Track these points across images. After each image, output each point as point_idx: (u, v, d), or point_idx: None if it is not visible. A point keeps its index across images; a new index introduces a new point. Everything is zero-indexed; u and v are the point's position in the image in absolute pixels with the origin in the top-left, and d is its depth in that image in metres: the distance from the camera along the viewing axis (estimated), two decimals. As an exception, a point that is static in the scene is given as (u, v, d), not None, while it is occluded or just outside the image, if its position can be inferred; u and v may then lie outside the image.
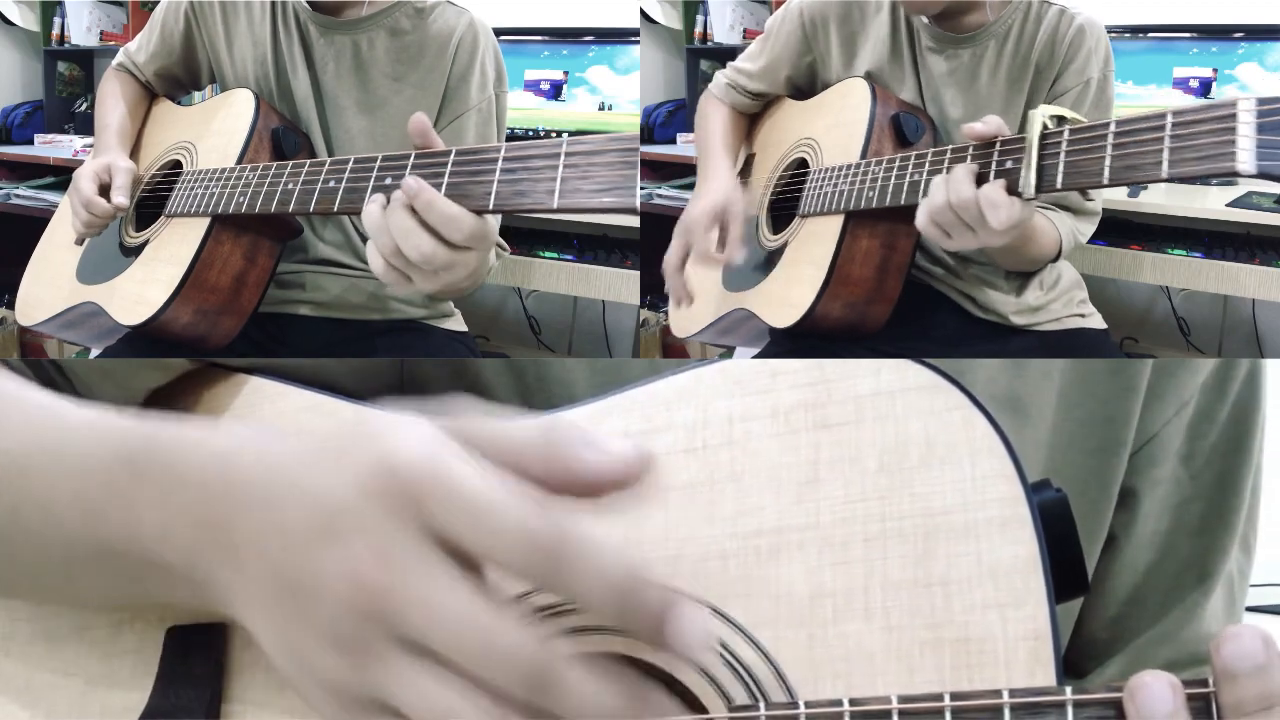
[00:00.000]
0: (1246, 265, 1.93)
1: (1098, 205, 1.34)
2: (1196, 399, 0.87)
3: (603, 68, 2.37)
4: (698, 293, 1.42)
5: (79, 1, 2.82)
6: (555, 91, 2.40)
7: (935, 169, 1.15)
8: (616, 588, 0.53)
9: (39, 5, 2.82)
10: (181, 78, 1.47)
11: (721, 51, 2.54)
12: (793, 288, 1.31)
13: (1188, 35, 2.12)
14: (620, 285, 2.09)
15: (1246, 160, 0.88)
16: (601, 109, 2.37)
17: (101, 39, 2.83)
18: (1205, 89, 2.09)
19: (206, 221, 1.23)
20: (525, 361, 0.78)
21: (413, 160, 1.00)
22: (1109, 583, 0.87)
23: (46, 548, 0.64)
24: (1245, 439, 0.88)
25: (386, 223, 0.96)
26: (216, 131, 1.33)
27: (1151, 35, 2.13)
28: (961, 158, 1.11)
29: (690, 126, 2.32)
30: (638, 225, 1.84)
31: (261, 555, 0.56)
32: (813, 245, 1.31)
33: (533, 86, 2.41)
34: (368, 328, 1.39)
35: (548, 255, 2.17)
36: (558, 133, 2.40)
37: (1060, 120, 1.04)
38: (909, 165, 1.20)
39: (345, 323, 1.39)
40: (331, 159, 1.11)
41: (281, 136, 1.30)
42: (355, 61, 1.33)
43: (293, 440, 0.57)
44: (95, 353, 1.43)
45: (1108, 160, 0.98)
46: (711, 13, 2.59)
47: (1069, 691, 0.58)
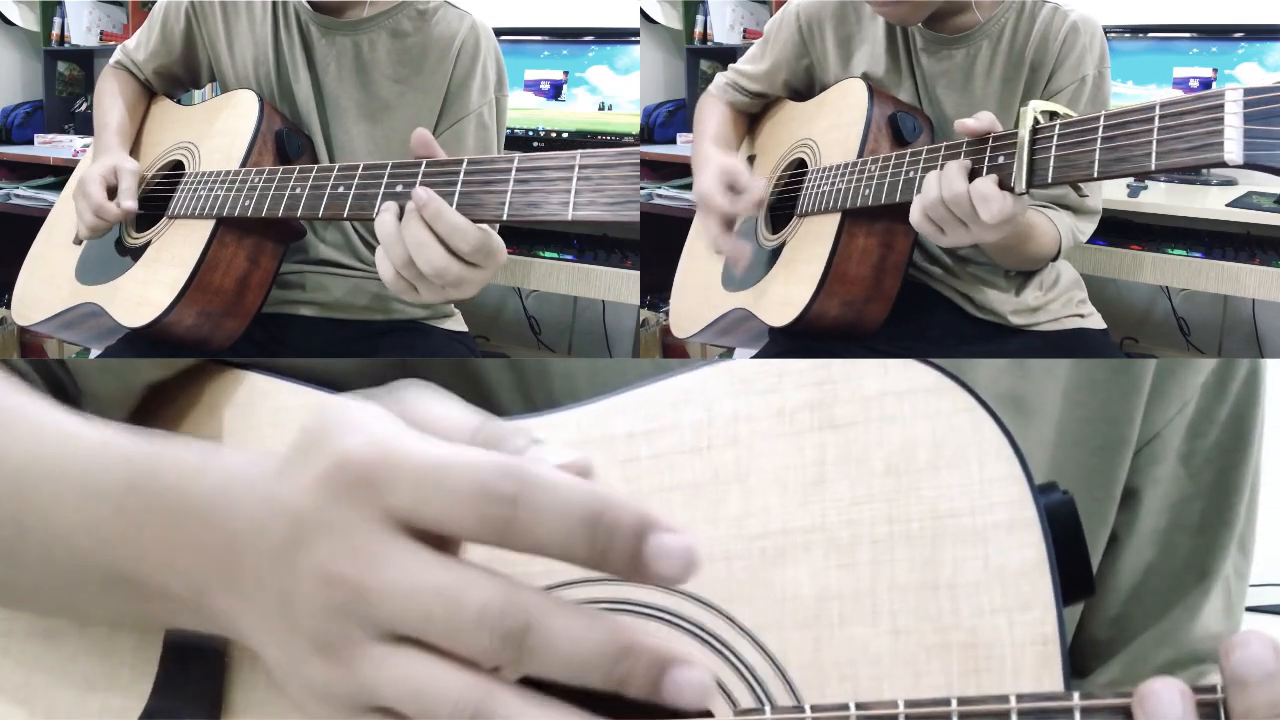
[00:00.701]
0: (1246, 265, 1.93)
1: (1097, 204, 1.34)
2: (1197, 399, 0.87)
3: (603, 68, 2.36)
4: (696, 292, 1.42)
5: (79, 1, 2.81)
6: (555, 91, 2.39)
7: (930, 166, 1.14)
8: (584, 519, 0.51)
9: (39, 5, 2.82)
10: (181, 76, 1.46)
11: (721, 51, 2.54)
12: (791, 286, 1.31)
13: (1188, 35, 2.12)
14: (620, 285, 2.09)
15: (1234, 150, 0.88)
16: (601, 109, 2.37)
17: (101, 39, 2.82)
18: (1205, 89, 2.09)
19: (210, 224, 1.23)
20: (528, 361, 0.77)
21: (424, 168, 1.00)
22: (1110, 582, 0.87)
23: (56, 567, 0.64)
24: (1245, 439, 0.88)
25: (401, 234, 0.96)
26: (219, 132, 1.32)
27: (1151, 35, 2.13)
28: (955, 154, 1.11)
29: (690, 127, 2.33)
30: (638, 225, 1.84)
31: (256, 578, 0.55)
32: (810, 244, 1.31)
33: (533, 86, 2.40)
34: (368, 328, 1.39)
35: (548, 255, 2.17)
36: (558, 133, 2.40)
37: (1052, 115, 1.04)
38: (904, 163, 1.20)
39: (346, 323, 1.39)
40: (340, 165, 1.10)
41: (285, 139, 1.29)
42: (356, 63, 1.33)
43: (273, 458, 0.57)
44: (95, 353, 1.43)
45: (1097, 153, 0.97)
46: (711, 13, 2.59)
47: (1077, 697, 0.57)
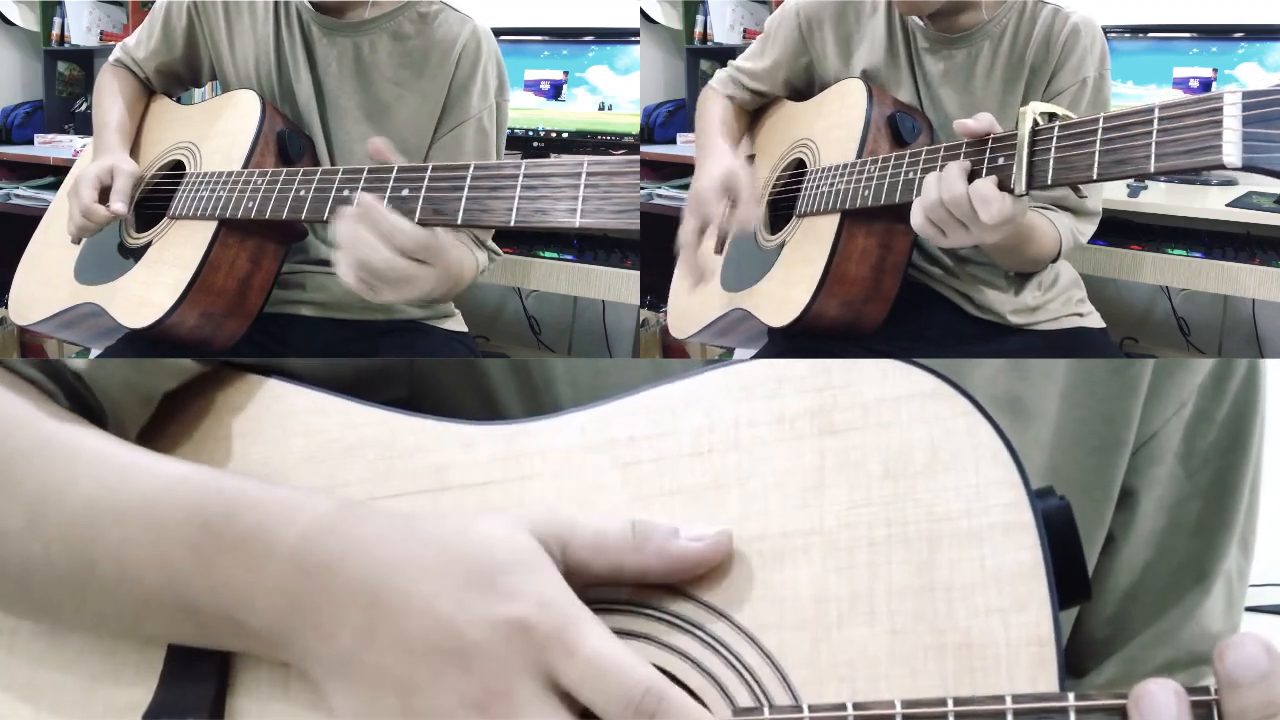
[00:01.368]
0: (1246, 265, 1.93)
1: (1097, 205, 1.34)
2: (1195, 399, 0.87)
3: (603, 68, 2.36)
4: (694, 293, 1.42)
5: (79, 1, 2.81)
6: (555, 91, 2.39)
7: (929, 167, 1.14)
8: None
9: (39, 5, 2.81)
10: (182, 75, 1.46)
11: (721, 51, 2.54)
12: (790, 287, 1.31)
13: (1188, 35, 2.12)
14: (620, 285, 2.09)
15: (1233, 153, 0.88)
16: (601, 109, 2.37)
17: (101, 39, 2.82)
18: (1205, 89, 2.09)
19: (212, 224, 1.23)
20: (530, 362, 0.78)
21: (429, 173, 1.00)
22: (1107, 582, 0.87)
23: (122, 599, 0.66)
24: (1243, 439, 0.89)
25: (350, 235, 0.98)
26: (220, 133, 1.32)
27: (1151, 35, 2.13)
28: (954, 155, 1.11)
29: (690, 126, 2.32)
30: (636, 227, 1.84)
31: (365, 644, 0.61)
32: (810, 244, 1.31)
33: (533, 86, 2.40)
34: (368, 328, 1.39)
35: (548, 255, 2.17)
36: (558, 133, 2.40)
37: (1051, 117, 1.04)
38: (904, 163, 1.20)
39: (346, 323, 1.39)
40: (345, 168, 1.10)
41: (287, 140, 1.29)
42: (357, 65, 1.33)
43: (401, 543, 0.62)
44: (95, 353, 1.42)
45: (1096, 155, 0.98)
46: (711, 13, 2.59)
47: (1072, 698, 0.58)
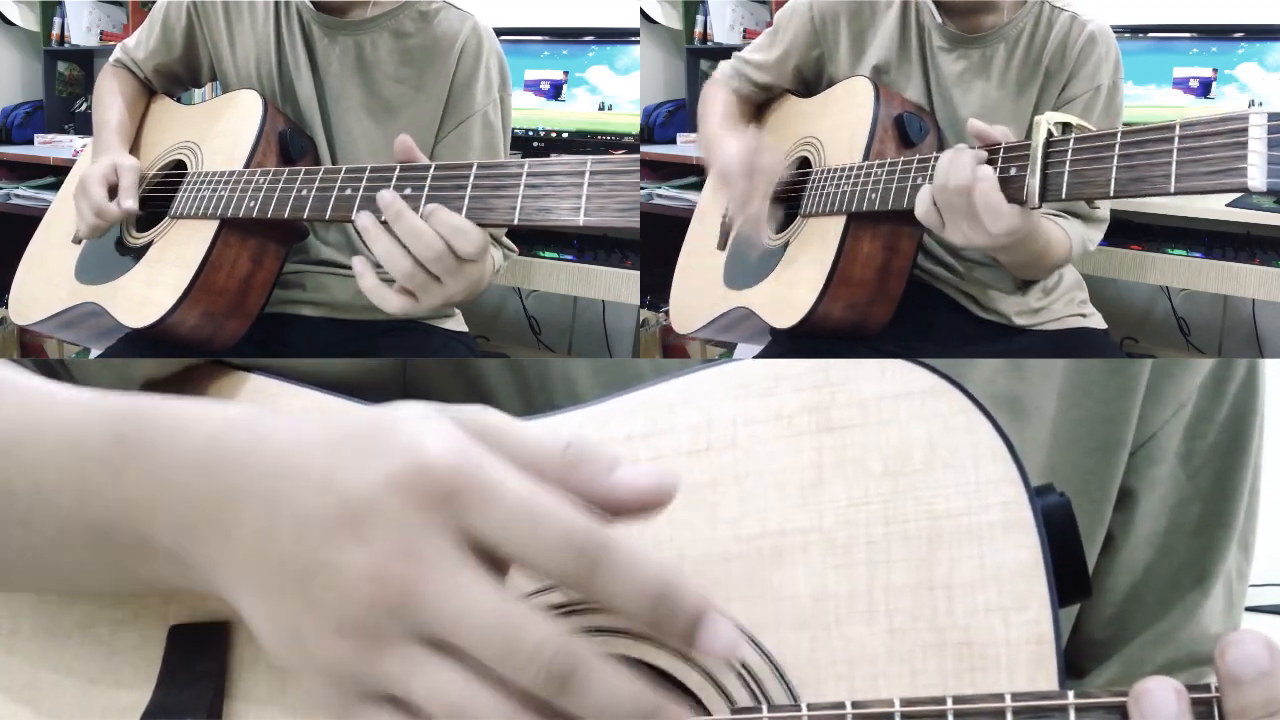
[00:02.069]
0: (1246, 265, 1.93)
1: (1105, 213, 1.34)
2: (1194, 400, 0.87)
3: (603, 68, 2.36)
4: (697, 288, 1.42)
5: (79, 1, 2.81)
6: (555, 91, 2.39)
7: None
8: (653, 595, 0.55)
9: (39, 5, 2.81)
10: (182, 75, 1.46)
11: (721, 51, 2.53)
12: (794, 288, 1.31)
13: (1188, 35, 2.11)
14: (620, 285, 2.09)
15: (1257, 177, 0.87)
16: (601, 109, 2.37)
17: (101, 39, 2.82)
18: (1205, 89, 2.09)
19: (213, 224, 1.23)
20: (527, 361, 0.78)
21: (432, 172, 1.00)
22: (1107, 582, 0.87)
23: (39, 527, 0.64)
24: (1243, 439, 0.89)
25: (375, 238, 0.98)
26: (222, 133, 1.32)
27: (1151, 35, 2.13)
28: None
29: (691, 126, 2.32)
30: (638, 225, 1.83)
31: (264, 537, 0.56)
32: (814, 246, 1.30)
33: (533, 86, 2.40)
34: (368, 328, 1.39)
35: (548, 255, 2.17)
36: (558, 133, 2.40)
37: (1066, 127, 1.03)
38: (911, 168, 1.19)
39: (346, 323, 1.39)
40: (347, 167, 1.10)
41: (289, 139, 1.29)
42: (358, 63, 1.33)
43: (306, 428, 0.58)
44: (95, 353, 1.42)
45: (1114, 171, 0.97)
46: (711, 13, 2.58)
47: (1071, 696, 0.58)
